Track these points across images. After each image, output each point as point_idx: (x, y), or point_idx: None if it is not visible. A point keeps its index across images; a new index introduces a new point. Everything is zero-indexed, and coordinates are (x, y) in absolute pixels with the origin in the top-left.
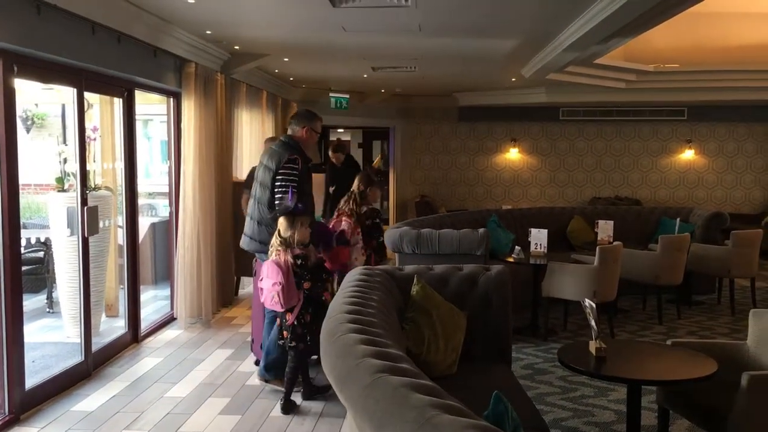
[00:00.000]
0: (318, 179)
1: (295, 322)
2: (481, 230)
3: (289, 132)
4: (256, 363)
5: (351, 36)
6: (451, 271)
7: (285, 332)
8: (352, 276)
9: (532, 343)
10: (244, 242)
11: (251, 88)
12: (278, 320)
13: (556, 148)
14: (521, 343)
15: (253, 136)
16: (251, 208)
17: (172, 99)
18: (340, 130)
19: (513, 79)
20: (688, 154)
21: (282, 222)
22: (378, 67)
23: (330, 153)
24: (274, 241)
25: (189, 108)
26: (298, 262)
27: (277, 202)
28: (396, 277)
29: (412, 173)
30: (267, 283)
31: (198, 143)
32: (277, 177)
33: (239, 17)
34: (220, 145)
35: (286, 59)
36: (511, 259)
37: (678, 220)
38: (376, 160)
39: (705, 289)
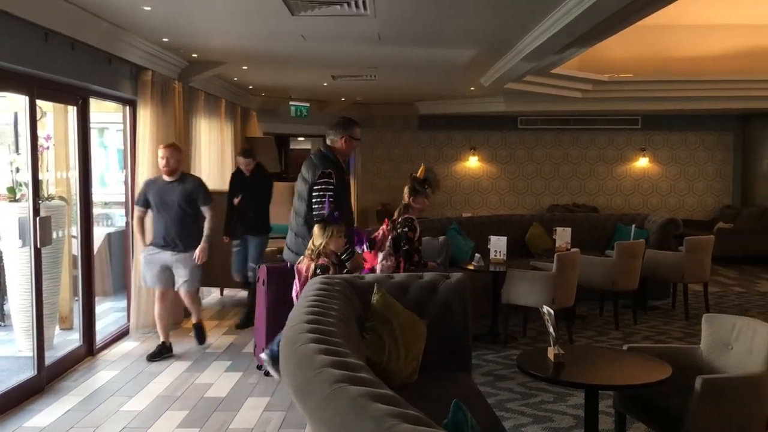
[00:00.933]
0: (277, 188)
1: None
2: (441, 238)
3: (328, 142)
4: (258, 367)
5: (310, 44)
6: (411, 280)
7: None
8: (312, 285)
9: (492, 350)
10: (285, 253)
11: (210, 96)
12: None
13: (515, 156)
14: (482, 350)
15: (211, 145)
16: (291, 220)
17: (128, 107)
18: (300, 139)
19: (472, 88)
20: (642, 162)
21: (315, 230)
22: (338, 75)
23: (238, 158)
24: (309, 246)
25: (145, 116)
26: (317, 272)
27: (314, 214)
28: (356, 286)
29: (373, 181)
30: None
31: (155, 152)
32: (313, 190)
33: (196, 25)
34: None
35: (245, 67)
36: (471, 267)
37: (633, 226)
38: (420, 170)
39: (660, 294)
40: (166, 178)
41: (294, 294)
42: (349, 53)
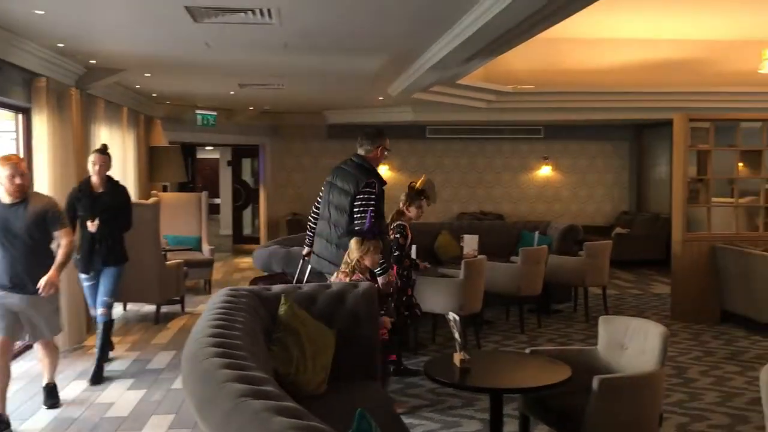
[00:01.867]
0: (183, 198)
1: None
2: None
3: (361, 152)
4: None
5: (215, 52)
6: (319, 290)
7: None
8: (218, 298)
9: (403, 357)
10: (315, 261)
11: (110, 104)
12: None
13: (424, 165)
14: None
15: (113, 154)
16: (325, 231)
17: (21, 115)
18: (208, 148)
19: (381, 98)
20: (545, 171)
21: (352, 244)
22: (245, 84)
23: (93, 157)
24: (344, 260)
25: (41, 124)
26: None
27: (356, 224)
28: (263, 297)
29: (283, 191)
30: None
31: (52, 161)
32: (356, 201)
33: (94, 30)
34: (77, 163)
35: (147, 74)
36: None
37: (537, 233)
38: (420, 180)
39: (562, 298)
40: (5, 199)
41: None
42: (255, 62)
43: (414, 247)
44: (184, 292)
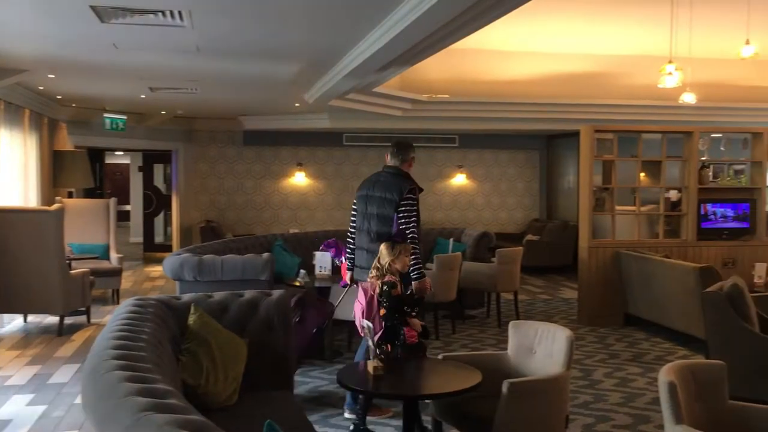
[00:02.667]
0: (89, 204)
1: (377, 350)
2: (266, 255)
3: (395, 163)
4: None
5: (124, 54)
6: (232, 298)
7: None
8: (123, 308)
9: (318, 366)
10: (359, 274)
11: (11, 105)
12: None
13: (341, 172)
14: (307, 366)
15: (13, 158)
16: (366, 242)
17: None
18: (118, 153)
19: (297, 105)
20: (460, 179)
21: (382, 248)
22: (156, 87)
23: None
24: (374, 265)
25: None
26: (384, 288)
27: (405, 230)
28: (172, 306)
29: (197, 198)
30: (357, 306)
31: None
32: (401, 207)
33: None
34: None
35: (51, 76)
36: (296, 283)
37: (451, 240)
38: None
39: (476, 303)
40: None
41: (360, 312)
42: (166, 65)
43: None
44: (90, 302)
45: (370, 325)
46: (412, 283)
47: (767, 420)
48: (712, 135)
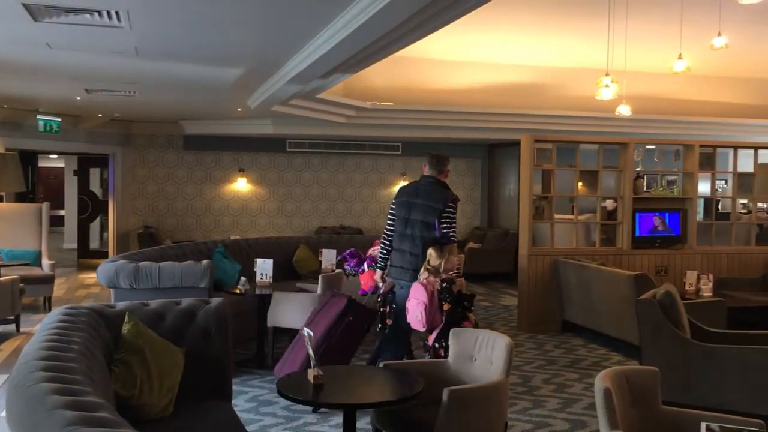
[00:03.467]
0: (21, 209)
1: (436, 344)
2: (205, 262)
3: (434, 173)
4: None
5: (58, 54)
6: (168, 306)
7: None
8: (53, 317)
9: (258, 375)
10: (398, 273)
11: None
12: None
13: (283, 178)
14: (247, 375)
15: None
16: (409, 246)
17: None
18: (52, 156)
19: (239, 110)
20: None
21: (432, 251)
22: (93, 89)
23: None
24: (424, 267)
25: None
26: (443, 285)
27: (451, 235)
28: (105, 315)
29: (135, 203)
30: (413, 303)
31: None
32: (444, 214)
33: None
34: None
35: None
36: (237, 291)
37: None
38: None
39: None
40: None
41: (423, 307)
42: (103, 66)
43: None
44: (20, 310)
45: (311, 333)
46: (457, 280)
47: (699, 425)
48: (647, 146)
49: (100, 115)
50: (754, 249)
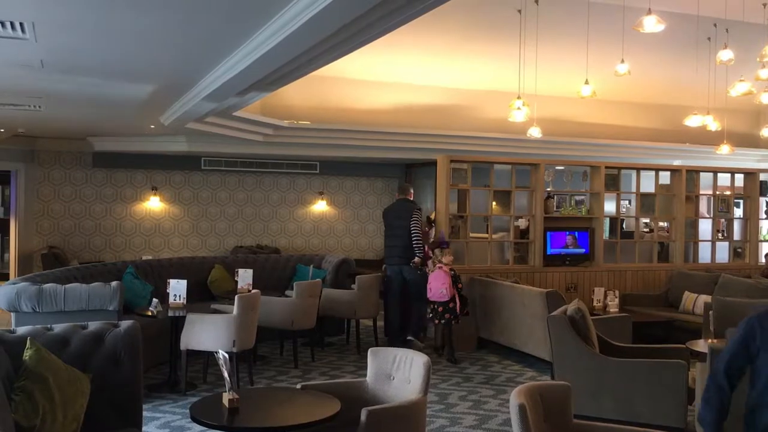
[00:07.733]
0: None
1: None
2: (114, 283)
3: (403, 195)
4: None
5: None
6: (74, 330)
7: (447, 313)
8: None
9: (170, 400)
10: (395, 261)
11: None
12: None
13: (198, 197)
14: (158, 400)
15: None
16: (399, 246)
17: None
18: None
19: (152, 126)
20: (320, 205)
21: (437, 252)
22: None
23: None
24: (435, 261)
25: None
26: (453, 272)
27: (415, 239)
28: (5, 340)
29: (39, 222)
30: (436, 284)
31: None
32: (413, 219)
33: None
34: None
35: None
36: (149, 313)
37: (311, 266)
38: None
39: (336, 330)
40: None
41: (447, 285)
42: (5, 79)
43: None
44: None
45: (226, 356)
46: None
47: None
48: (556, 167)
49: (1, 130)
50: (656, 266)
